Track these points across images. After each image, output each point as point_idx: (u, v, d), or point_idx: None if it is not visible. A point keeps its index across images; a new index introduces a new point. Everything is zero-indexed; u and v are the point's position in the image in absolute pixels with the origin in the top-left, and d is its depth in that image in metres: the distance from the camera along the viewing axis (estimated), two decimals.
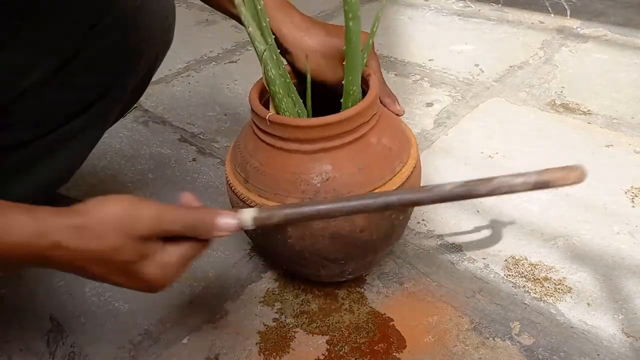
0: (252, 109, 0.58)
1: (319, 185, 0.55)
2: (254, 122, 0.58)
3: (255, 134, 0.59)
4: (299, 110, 0.62)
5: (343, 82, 0.57)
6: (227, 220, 0.47)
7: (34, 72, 0.57)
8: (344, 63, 0.56)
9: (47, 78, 0.59)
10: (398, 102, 0.64)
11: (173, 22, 0.71)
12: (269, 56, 0.55)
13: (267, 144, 0.57)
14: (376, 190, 0.56)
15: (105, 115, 0.68)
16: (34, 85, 0.58)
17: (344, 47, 0.55)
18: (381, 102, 0.62)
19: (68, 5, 0.57)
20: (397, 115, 0.64)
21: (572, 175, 0.43)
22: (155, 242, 0.45)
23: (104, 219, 0.43)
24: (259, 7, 0.54)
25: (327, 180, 0.55)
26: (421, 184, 0.64)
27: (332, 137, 0.55)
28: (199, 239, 0.47)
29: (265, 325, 0.66)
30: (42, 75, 0.58)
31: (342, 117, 0.54)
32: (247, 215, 0.48)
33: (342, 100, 0.59)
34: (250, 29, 0.52)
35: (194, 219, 0.46)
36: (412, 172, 0.59)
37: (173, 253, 0.46)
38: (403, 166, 0.59)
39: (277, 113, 0.59)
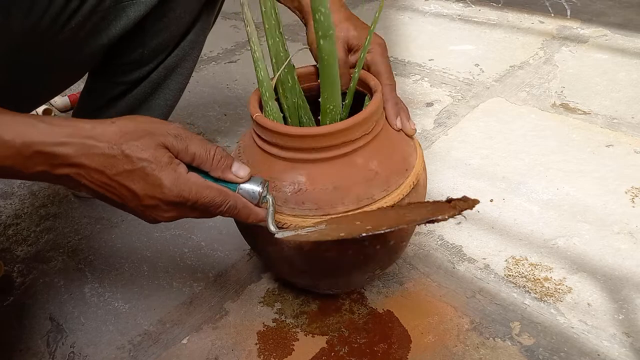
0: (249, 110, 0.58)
1: (289, 194, 0.54)
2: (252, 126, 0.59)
3: (251, 134, 0.59)
4: (304, 116, 0.61)
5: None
6: (241, 173, 0.48)
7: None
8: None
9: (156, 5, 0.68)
10: (406, 117, 0.58)
11: None
12: (260, 57, 0.55)
13: (256, 144, 0.57)
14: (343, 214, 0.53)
15: (194, 45, 0.80)
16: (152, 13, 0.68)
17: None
18: (385, 111, 0.58)
19: None
20: (398, 131, 0.58)
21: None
22: (177, 160, 0.46)
23: (127, 119, 0.44)
24: (264, 9, 0.54)
25: (298, 191, 0.54)
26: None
27: (308, 150, 0.53)
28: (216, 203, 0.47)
29: (265, 325, 0.66)
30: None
31: (320, 131, 0.52)
32: (269, 219, 0.50)
33: (320, 117, 0.58)
34: (248, 28, 0.53)
35: (217, 153, 0.47)
36: (397, 202, 0.54)
37: (192, 177, 0.46)
38: (387, 195, 0.54)
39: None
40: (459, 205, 0.44)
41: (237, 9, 1.66)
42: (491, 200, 0.82)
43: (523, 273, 0.69)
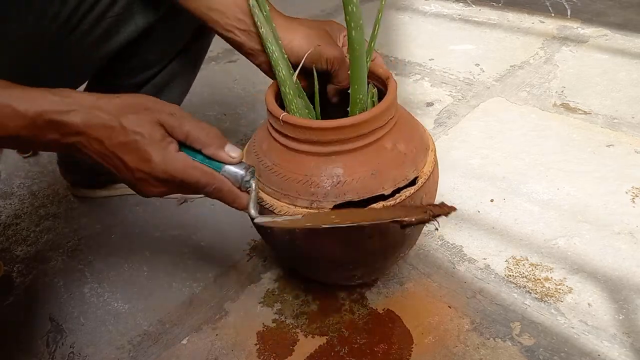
0: (267, 109, 0.57)
1: (329, 188, 0.54)
2: (269, 122, 0.58)
3: (270, 134, 0.58)
4: (309, 113, 0.61)
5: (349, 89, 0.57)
6: (233, 154, 0.49)
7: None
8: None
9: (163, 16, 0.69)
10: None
11: None
12: (280, 57, 0.55)
13: (281, 144, 0.56)
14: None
15: (199, 50, 0.81)
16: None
17: (348, 51, 0.55)
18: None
19: None
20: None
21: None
22: (170, 138, 0.47)
23: (129, 95, 0.47)
24: (264, 13, 0.55)
25: (338, 184, 0.54)
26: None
27: (344, 141, 0.53)
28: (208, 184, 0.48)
29: (265, 325, 0.66)
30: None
31: (356, 121, 0.53)
32: (252, 204, 0.51)
33: (349, 109, 0.58)
34: (262, 30, 0.54)
35: (211, 131, 0.48)
36: (427, 179, 0.57)
37: (180, 156, 0.47)
38: (418, 174, 0.57)
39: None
40: (430, 210, 0.46)
41: None
42: (492, 200, 0.82)
43: (523, 273, 0.69)
